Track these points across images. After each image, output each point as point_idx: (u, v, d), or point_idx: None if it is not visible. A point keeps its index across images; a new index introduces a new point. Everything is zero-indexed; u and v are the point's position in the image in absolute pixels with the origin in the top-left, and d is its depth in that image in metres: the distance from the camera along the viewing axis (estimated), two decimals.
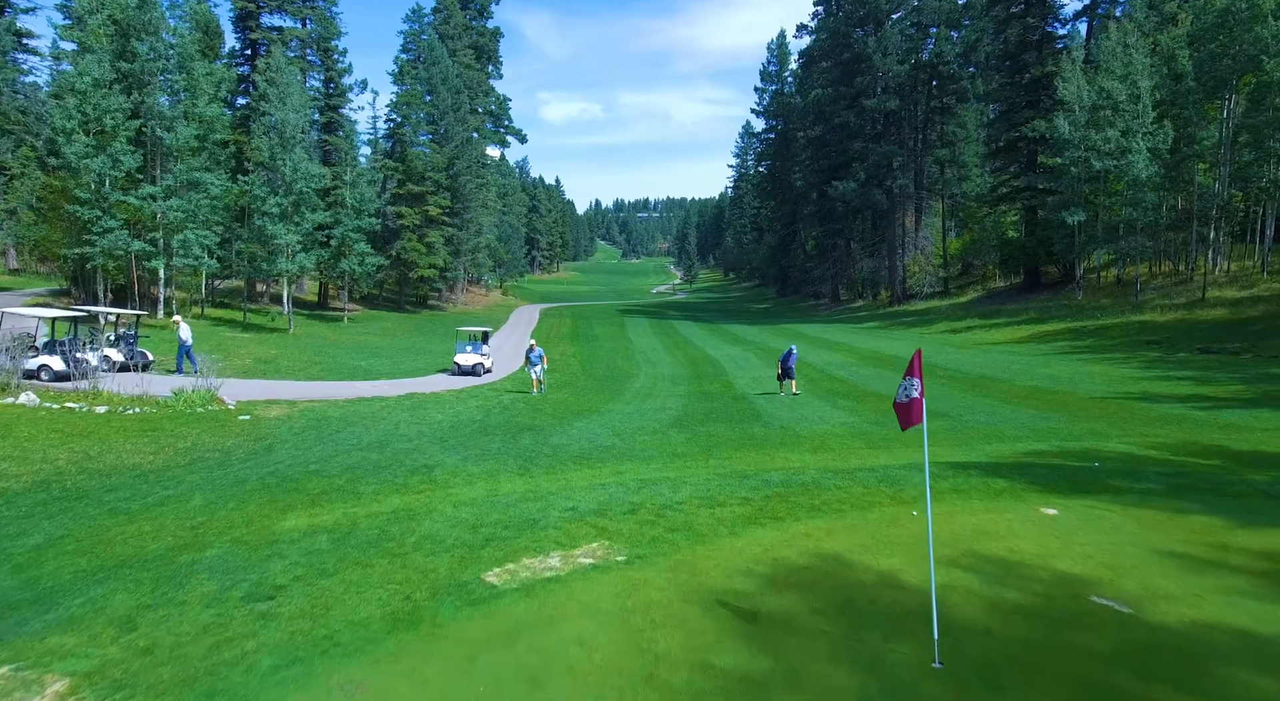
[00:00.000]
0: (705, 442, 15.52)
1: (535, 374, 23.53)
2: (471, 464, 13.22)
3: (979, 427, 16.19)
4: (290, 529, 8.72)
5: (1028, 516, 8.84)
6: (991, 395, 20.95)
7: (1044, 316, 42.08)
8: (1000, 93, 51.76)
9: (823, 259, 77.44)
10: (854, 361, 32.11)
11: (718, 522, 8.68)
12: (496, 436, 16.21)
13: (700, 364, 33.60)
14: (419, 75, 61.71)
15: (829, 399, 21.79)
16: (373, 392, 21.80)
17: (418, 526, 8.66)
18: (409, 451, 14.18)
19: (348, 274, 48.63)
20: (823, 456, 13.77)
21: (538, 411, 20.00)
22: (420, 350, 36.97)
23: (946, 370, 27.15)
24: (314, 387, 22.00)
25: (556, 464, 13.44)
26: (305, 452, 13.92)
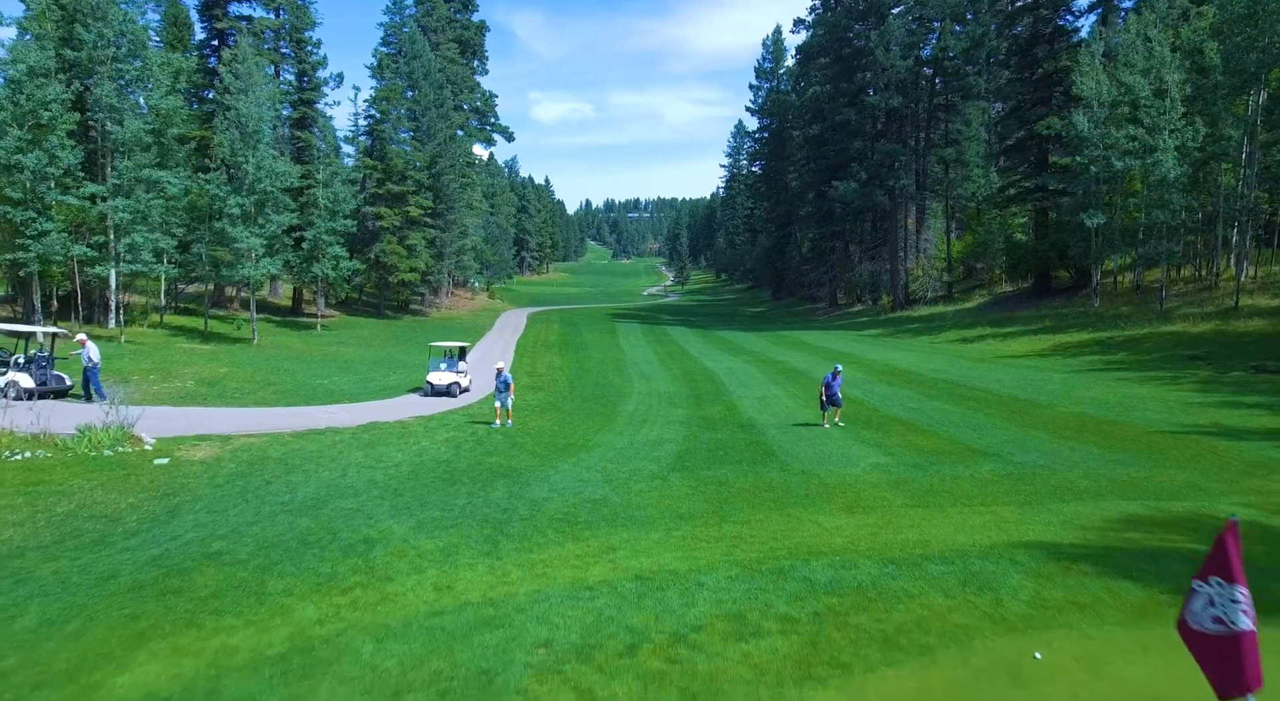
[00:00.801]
0: (714, 495, 12.84)
1: (502, 404, 19.77)
2: (426, 535, 10.47)
3: (1040, 473, 13.57)
4: (119, 696, 5.92)
5: None
6: (1035, 424, 18.35)
7: (1061, 325, 39.65)
8: (1009, 89, 49.38)
9: (820, 262, 75.01)
10: (866, 377, 29.51)
11: (756, 675, 5.98)
12: (464, 486, 13.46)
13: (698, 379, 30.92)
14: (400, 69, 58.79)
15: (850, 428, 19.14)
16: (328, 421, 18.98)
17: (311, 692, 5.89)
18: (350, 514, 11.41)
19: (321, 279, 45.69)
20: (864, 521, 11.10)
21: (516, 447, 17.24)
22: (395, 363, 34.11)
23: (972, 389, 24.57)
24: (260, 416, 19.15)
25: (533, 532, 10.71)
26: (217, 518, 11.12)
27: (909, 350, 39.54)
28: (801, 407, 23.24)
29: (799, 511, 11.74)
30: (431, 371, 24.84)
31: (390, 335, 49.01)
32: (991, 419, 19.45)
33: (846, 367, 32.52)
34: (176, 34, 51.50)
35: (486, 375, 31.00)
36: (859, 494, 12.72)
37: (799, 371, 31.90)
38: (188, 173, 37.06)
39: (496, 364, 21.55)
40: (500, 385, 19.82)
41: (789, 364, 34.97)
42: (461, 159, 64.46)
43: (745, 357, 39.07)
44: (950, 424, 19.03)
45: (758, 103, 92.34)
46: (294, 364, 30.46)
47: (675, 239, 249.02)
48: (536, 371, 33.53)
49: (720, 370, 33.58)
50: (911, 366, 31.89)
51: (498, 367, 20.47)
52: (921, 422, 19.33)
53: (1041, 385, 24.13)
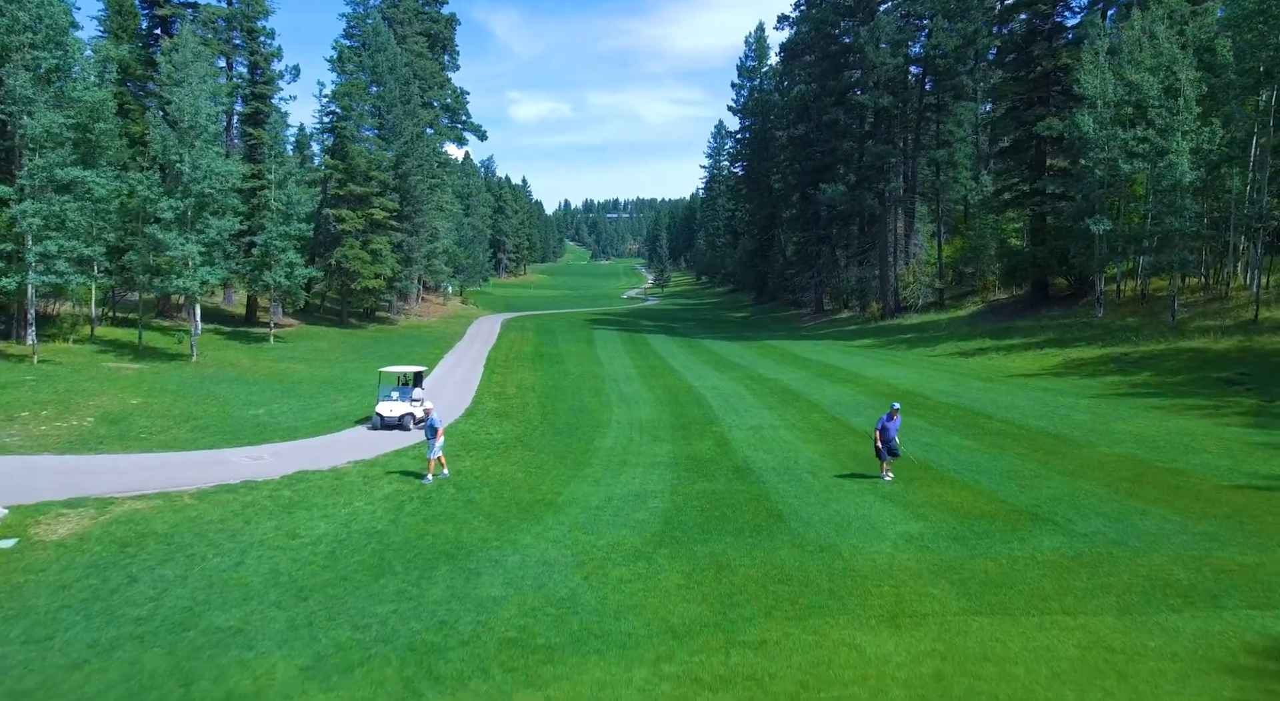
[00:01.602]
0: (715, 590, 10.02)
1: (433, 454, 16.10)
2: (321, 684, 7.52)
3: (1118, 555, 10.90)
4: None
5: None
6: (1080, 471, 15.71)
7: (1066, 338, 37.39)
8: (1004, 88, 47.20)
9: (805, 266, 72.64)
10: (867, 399, 26.88)
11: None
12: (394, 577, 10.51)
13: (683, 402, 28.10)
14: (363, 63, 55.33)
15: (863, 476, 16.39)
16: (247, 471, 15.89)
17: None
18: (224, 641, 8.42)
19: (274, 287, 42.24)
20: (917, 643, 8.32)
21: (471, 506, 14.29)
22: (348, 384, 30.90)
23: (990, 418, 21.99)
24: (162, 467, 16.00)
25: (473, 672, 7.80)
26: (33, 654, 8.06)
27: (906, 365, 37.05)
28: (801, 441, 20.51)
29: (828, 624, 8.93)
30: (381, 401, 21.73)
31: (350, 347, 45.65)
32: (1025, 462, 16.81)
33: (845, 390, 29.95)
34: (121, 23, 47.69)
35: (448, 398, 27.93)
36: (899, 589, 9.95)
37: (793, 393, 29.22)
38: (116, 172, 33.54)
39: (425, 404, 17.68)
40: (427, 431, 16.19)
41: (781, 382, 32.28)
42: (430, 158, 61.12)
43: (732, 373, 36.35)
44: (979, 470, 16.36)
45: (740, 102, 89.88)
46: (230, 387, 27.16)
47: (655, 240, 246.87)
48: (506, 393, 30.52)
49: (706, 390, 30.81)
50: (914, 387, 29.33)
51: (425, 409, 16.89)
52: (945, 467, 16.65)
53: (1067, 414, 21.60)
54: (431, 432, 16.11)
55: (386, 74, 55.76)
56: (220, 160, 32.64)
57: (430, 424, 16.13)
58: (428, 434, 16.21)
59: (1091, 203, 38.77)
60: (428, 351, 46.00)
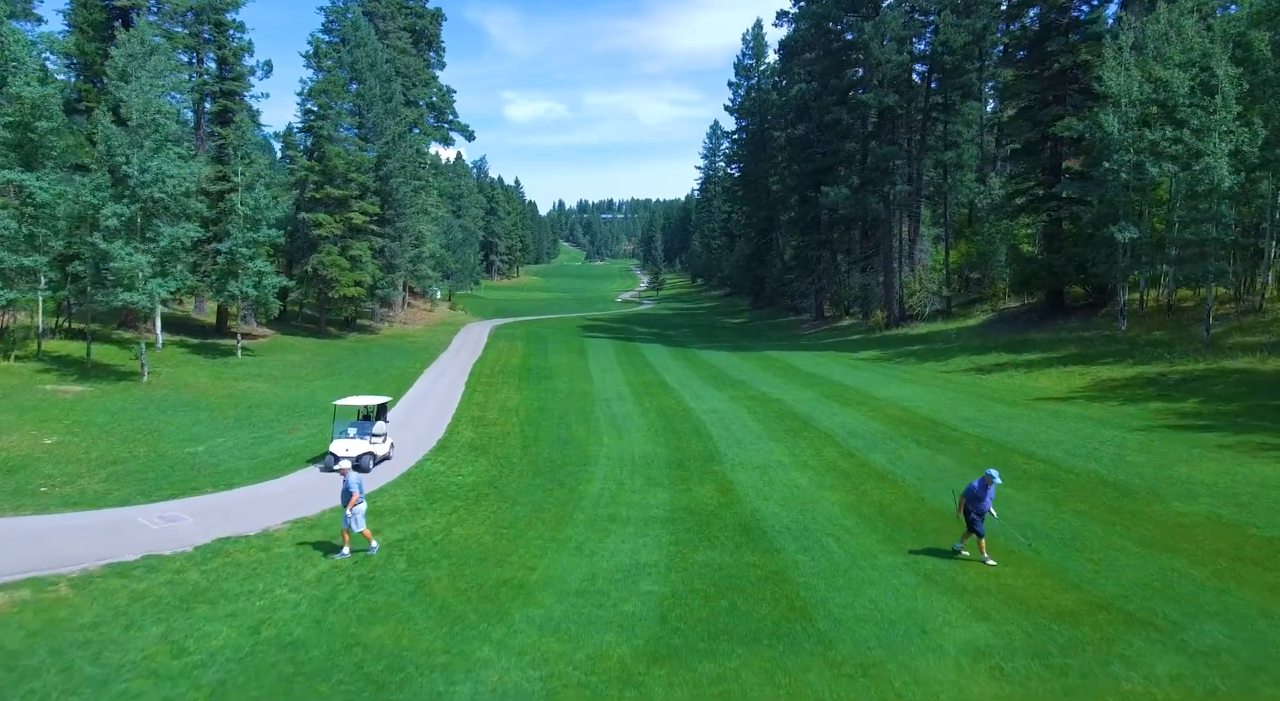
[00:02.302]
0: None
1: (351, 523, 12.91)
2: None
3: (1263, 689, 8.28)
4: None
5: None
6: (1166, 545, 12.98)
7: (1090, 353, 34.85)
8: (1018, 86, 44.68)
9: (805, 271, 70.04)
10: (883, 428, 24.25)
11: None
12: None
13: (681, 429, 25.42)
14: (341, 59, 52.53)
15: (895, 540, 13.73)
16: (155, 539, 13.16)
17: None
18: None
19: (241, 297, 39.41)
20: None
21: (420, 593, 11.58)
22: (314, 407, 28.13)
23: (1029, 457, 19.37)
24: (50, 534, 13.25)
25: None
26: None
27: (919, 383, 34.45)
28: (816, 486, 17.87)
29: None
30: (336, 439, 18.97)
31: (325, 361, 42.82)
32: (1087, 522, 14.18)
33: (857, 415, 27.12)
34: (86, 15, 44.92)
35: (420, 426, 25.13)
36: None
37: (800, 418, 26.56)
38: (62, 175, 30.75)
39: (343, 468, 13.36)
40: (342, 495, 12.85)
41: (786, 404, 29.63)
42: (413, 159, 58.33)
43: (732, 392, 33.69)
44: (1036, 533, 13.73)
45: (737, 102, 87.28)
46: (174, 415, 24.35)
47: (649, 241, 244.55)
48: (486, 417, 27.79)
49: (705, 414, 28.13)
50: (932, 411, 26.71)
51: (341, 468, 13.30)
52: (994, 528, 14.01)
53: (1117, 453, 18.98)
54: (346, 497, 12.76)
55: (366, 71, 53.01)
56: (173, 162, 29.82)
57: (346, 487, 12.76)
58: (342, 499, 12.87)
59: (1115, 208, 36.27)
60: (408, 364, 43.24)
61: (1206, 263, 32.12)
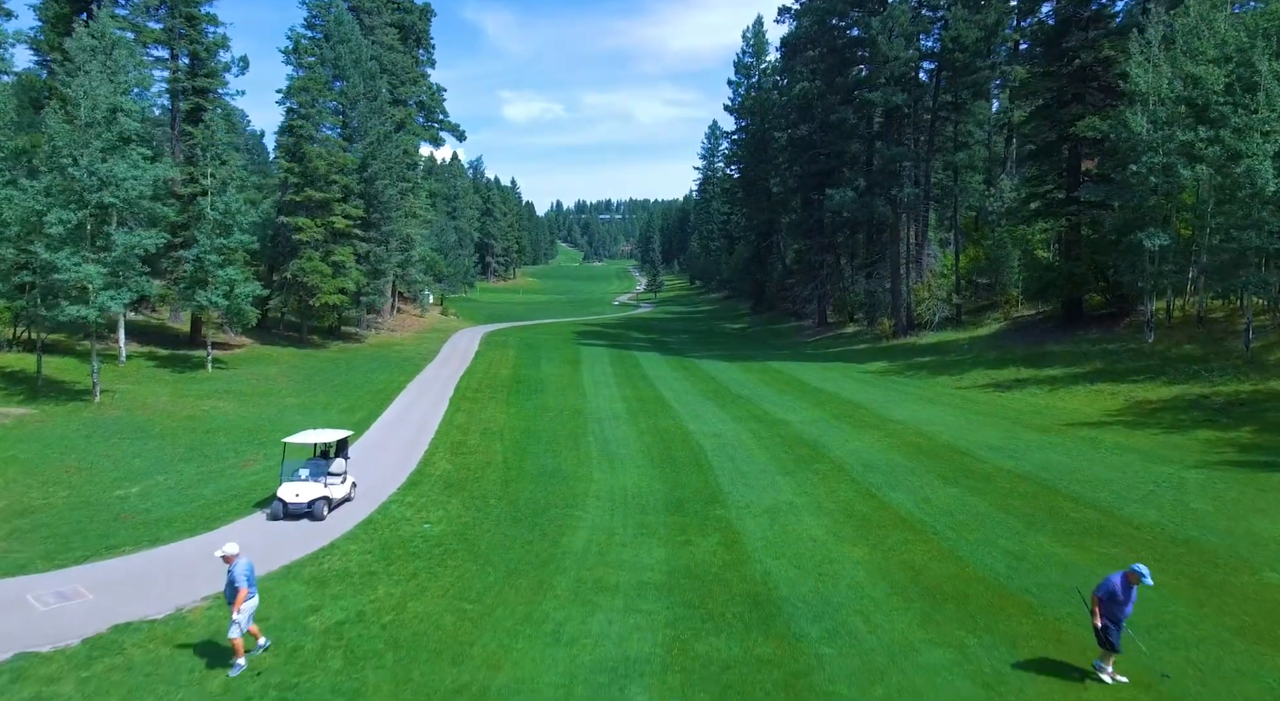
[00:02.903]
0: None
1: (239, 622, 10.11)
2: None
3: None
4: None
5: None
6: (1274, 637, 10.75)
7: (1117, 369, 32.55)
8: (1035, 84, 42.39)
9: (807, 276, 67.72)
10: (902, 459, 21.92)
11: None
12: None
13: (679, 458, 23.08)
14: (323, 55, 50.12)
15: (936, 621, 11.39)
16: (39, 628, 10.79)
17: None
18: None
19: (210, 308, 36.99)
20: None
21: None
22: (280, 430, 25.71)
23: (1076, 501, 17.03)
24: None
25: None
26: None
27: (936, 401, 32.13)
28: (835, 538, 15.53)
29: None
30: (285, 482, 16.58)
31: (303, 374, 40.42)
32: (1169, 600, 11.81)
33: (867, 434, 24.76)
34: (59, 10, 42.57)
35: (393, 455, 22.59)
36: None
37: (809, 445, 24.22)
38: (8, 177, 28.34)
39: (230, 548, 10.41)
40: (226, 589, 10.16)
41: (793, 427, 27.29)
42: (400, 160, 55.93)
43: (734, 410, 31.35)
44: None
45: (736, 101, 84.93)
46: (119, 444, 21.97)
47: (647, 242, 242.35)
48: (467, 444, 25.41)
49: (706, 439, 25.79)
50: (954, 437, 24.39)
51: (222, 555, 10.25)
52: (1049, 602, 11.66)
53: (1177, 498, 16.64)
54: (231, 593, 10.05)
55: (350, 67, 50.60)
56: (129, 163, 27.41)
57: (231, 577, 10.06)
58: (227, 594, 10.14)
59: (1142, 213, 33.99)
60: (390, 377, 40.85)
61: (1244, 271, 29.87)
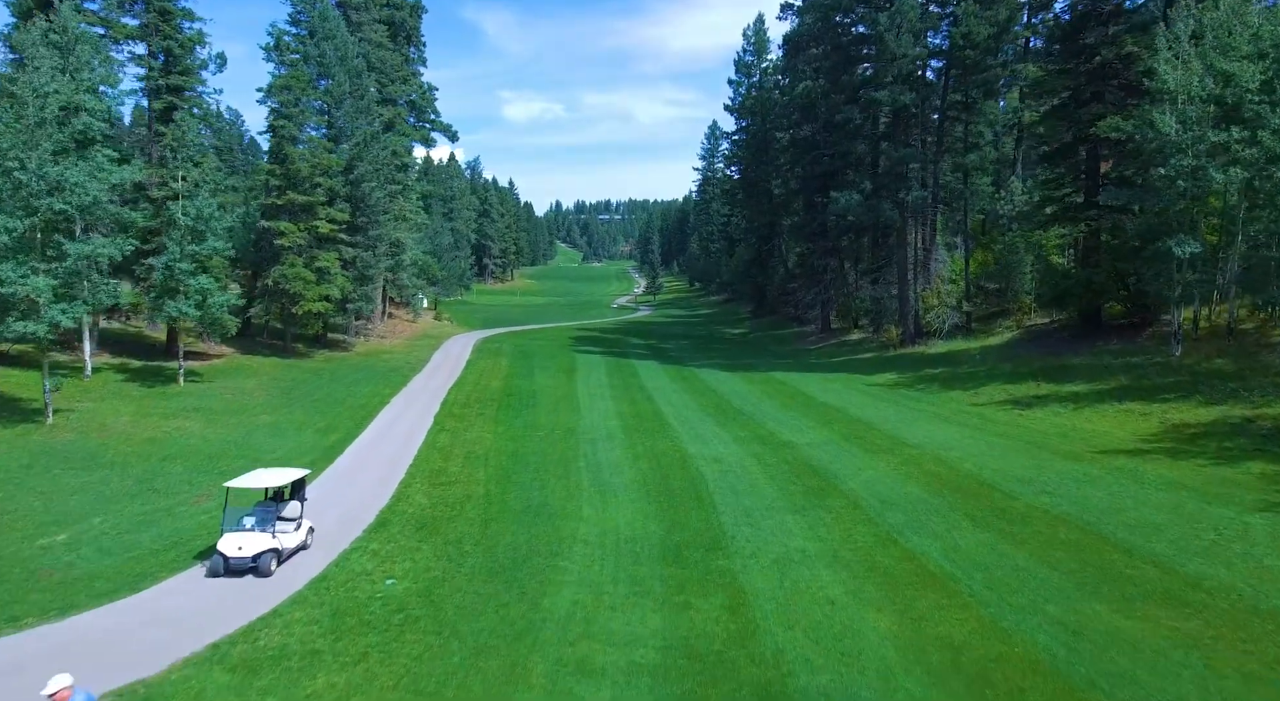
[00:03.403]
0: None
1: None
2: None
3: None
4: None
5: None
6: None
7: (1145, 385, 30.51)
8: (1052, 82, 40.41)
9: (810, 280, 65.72)
10: (921, 490, 19.90)
11: None
12: None
13: (678, 492, 21.07)
14: (307, 52, 48.12)
15: None
16: None
17: None
18: None
19: (182, 319, 34.97)
20: None
21: None
22: (246, 457, 23.70)
23: (1128, 552, 14.99)
24: None
25: None
26: None
27: (951, 419, 30.11)
28: (856, 600, 13.52)
29: None
30: (228, 533, 14.53)
31: (282, 387, 38.40)
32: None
33: (880, 461, 22.26)
34: (28, 4, 40.52)
35: (364, 487, 20.44)
36: None
37: (820, 475, 22.20)
38: None
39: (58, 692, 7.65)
40: None
41: (800, 451, 25.27)
42: (389, 161, 53.93)
43: (737, 430, 29.34)
44: None
45: (737, 101, 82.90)
46: (61, 477, 19.93)
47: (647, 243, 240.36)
48: (448, 471, 23.40)
49: (707, 465, 23.78)
50: (977, 465, 22.37)
51: (57, 695, 7.52)
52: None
53: (1248, 552, 14.57)
54: None
55: (336, 65, 48.60)
56: (84, 167, 25.39)
57: None
58: None
59: (1170, 219, 31.99)
60: (375, 390, 38.84)
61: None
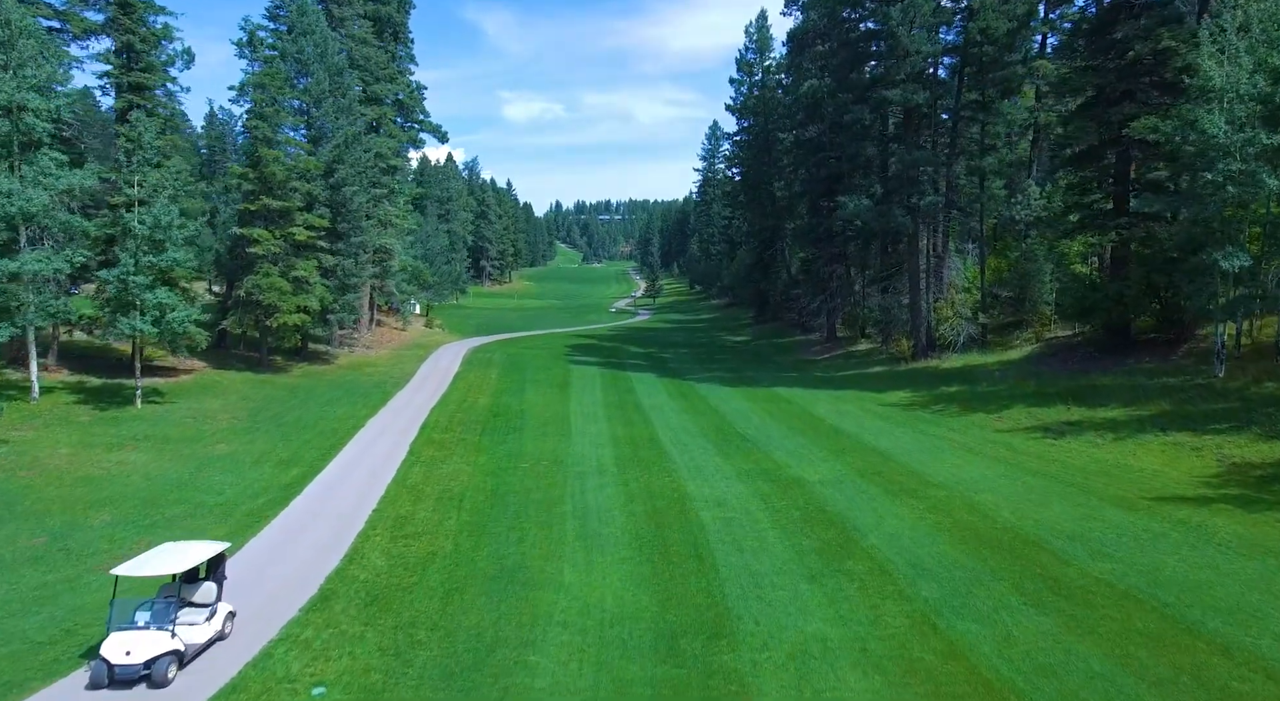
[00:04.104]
0: None
1: None
2: None
3: None
4: None
5: None
6: None
7: (1190, 413, 27.71)
8: (1077, 80, 37.65)
9: (815, 287, 62.94)
10: (955, 550, 17.19)
11: None
12: None
13: (674, 546, 18.37)
14: (285, 48, 45.43)
15: None
16: None
17: None
18: None
19: (138, 335, 32.28)
20: None
21: None
22: (189, 499, 21.00)
23: (1214, 644, 12.29)
24: None
25: None
26: None
27: (977, 450, 27.33)
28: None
29: None
30: (114, 632, 11.76)
31: (253, 408, 35.68)
32: None
33: (906, 506, 18.44)
34: None
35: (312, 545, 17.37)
36: None
37: (836, 524, 19.48)
38: None
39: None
40: None
41: (813, 491, 22.55)
42: (373, 164, 51.22)
43: (740, 461, 26.62)
44: None
45: (738, 100, 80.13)
46: None
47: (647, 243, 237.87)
48: (415, 517, 20.70)
49: (708, 510, 21.06)
50: (1016, 513, 19.63)
51: None
52: None
53: None
54: None
55: (315, 62, 45.89)
56: (7, 177, 22.71)
57: None
58: None
59: (1214, 229, 29.26)
60: (352, 409, 36.16)
61: None
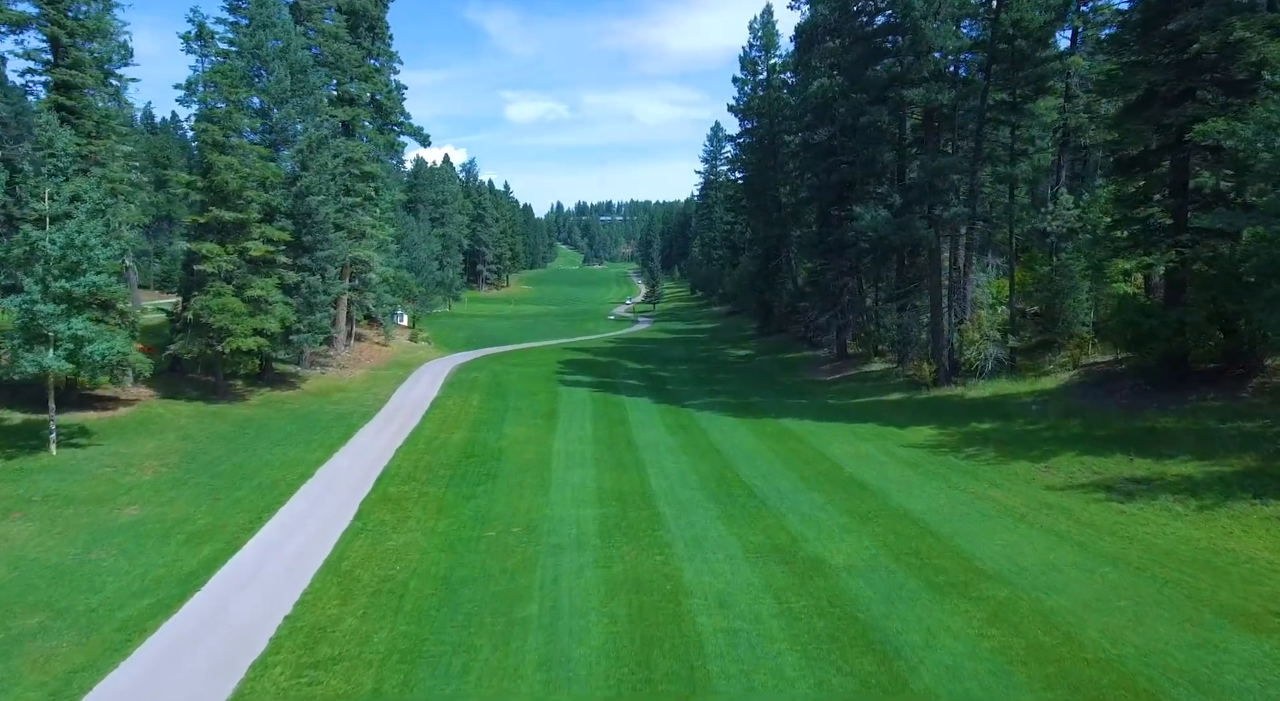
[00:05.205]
0: None
1: None
2: None
3: None
4: None
5: None
6: None
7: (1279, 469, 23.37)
8: (1128, 77, 33.27)
9: (824, 302, 58.58)
10: (1034, 695, 12.85)
11: None
12: None
13: (662, 679, 14.04)
14: (241, 43, 41.18)
15: None
16: None
17: None
18: None
19: (51, 372, 28.01)
20: None
21: None
22: (67, 595, 16.74)
23: None
24: None
25: None
26: None
27: (1033, 522, 22.87)
28: None
29: None
30: None
31: (190, 451, 31.37)
32: None
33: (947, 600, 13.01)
34: None
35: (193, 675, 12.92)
36: None
37: (876, 652, 15.12)
38: None
39: None
40: None
41: (839, 585, 18.19)
42: (342, 170, 46.94)
43: (749, 533, 22.26)
44: None
45: (742, 100, 75.92)
46: None
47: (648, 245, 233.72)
48: (339, 626, 16.36)
49: (709, 617, 16.69)
50: (1112, 637, 15.25)
51: None
52: None
53: None
54: None
55: (275, 58, 41.61)
56: None
57: None
58: None
59: None
60: (304, 452, 31.84)
61: None
